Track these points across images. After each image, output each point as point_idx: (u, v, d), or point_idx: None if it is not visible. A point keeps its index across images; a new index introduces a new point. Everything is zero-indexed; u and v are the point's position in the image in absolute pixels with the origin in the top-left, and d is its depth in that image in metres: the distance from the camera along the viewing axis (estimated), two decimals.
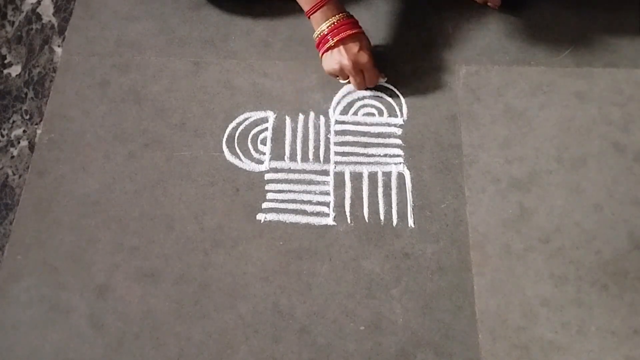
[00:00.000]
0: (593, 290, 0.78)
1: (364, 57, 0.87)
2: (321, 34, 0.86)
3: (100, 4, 1.03)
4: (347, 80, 0.92)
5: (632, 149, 0.87)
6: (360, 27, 0.87)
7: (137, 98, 0.94)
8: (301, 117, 0.92)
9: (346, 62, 0.86)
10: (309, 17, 0.87)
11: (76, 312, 0.78)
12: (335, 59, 0.87)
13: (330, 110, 0.92)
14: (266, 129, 0.91)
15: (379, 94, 0.93)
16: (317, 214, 0.84)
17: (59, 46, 1.00)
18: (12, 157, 0.90)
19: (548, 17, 0.99)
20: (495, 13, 1.00)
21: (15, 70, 0.97)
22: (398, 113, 0.91)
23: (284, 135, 0.90)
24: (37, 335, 0.77)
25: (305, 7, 0.86)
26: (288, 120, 0.91)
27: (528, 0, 1.01)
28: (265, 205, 0.85)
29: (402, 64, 0.96)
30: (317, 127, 0.91)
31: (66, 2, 1.04)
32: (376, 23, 1.00)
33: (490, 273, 0.79)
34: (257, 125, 0.91)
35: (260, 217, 0.84)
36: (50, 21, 1.02)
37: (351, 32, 0.85)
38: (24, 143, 0.91)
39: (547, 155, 0.87)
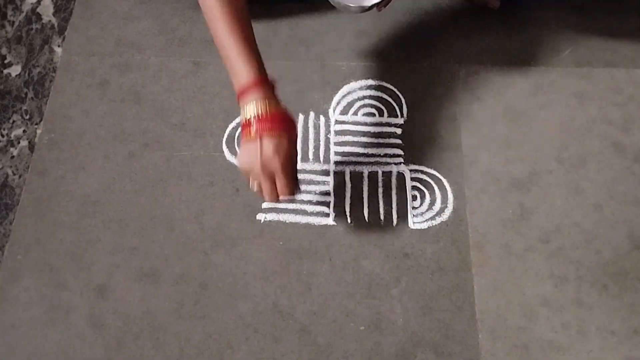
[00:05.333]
0: (593, 290, 0.78)
1: (275, 162, 0.70)
2: (245, 120, 0.71)
3: (100, 4, 1.03)
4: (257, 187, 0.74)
5: (632, 149, 0.87)
6: (289, 122, 0.73)
7: (137, 98, 0.94)
8: (301, 117, 0.91)
9: (257, 162, 0.70)
10: (238, 101, 0.72)
11: (76, 312, 0.78)
12: (251, 154, 0.71)
13: (330, 110, 0.92)
14: None
15: (379, 93, 0.93)
16: (317, 214, 0.84)
17: (59, 46, 1.00)
18: (12, 157, 0.90)
19: (548, 17, 1.00)
20: (495, 13, 1.00)
21: (15, 70, 0.97)
22: (398, 113, 0.91)
23: None
24: (37, 335, 0.77)
25: (235, 87, 0.72)
26: None
27: (528, 0, 1.01)
28: (265, 205, 0.85)
29: (402, 64, 0.96)
30: (317, 127, 0.91)
31: (66, 2, 1.04)
32: (376, 23, 1.00)
33: (490, 273, 0.79)
34: None
35: (260, 217, 0.84)
36: (50, 21, 1.02)
37: (275, 128, 0.70)
38: (24, 143, 0.91)
39: (547, 155, 0.87)
